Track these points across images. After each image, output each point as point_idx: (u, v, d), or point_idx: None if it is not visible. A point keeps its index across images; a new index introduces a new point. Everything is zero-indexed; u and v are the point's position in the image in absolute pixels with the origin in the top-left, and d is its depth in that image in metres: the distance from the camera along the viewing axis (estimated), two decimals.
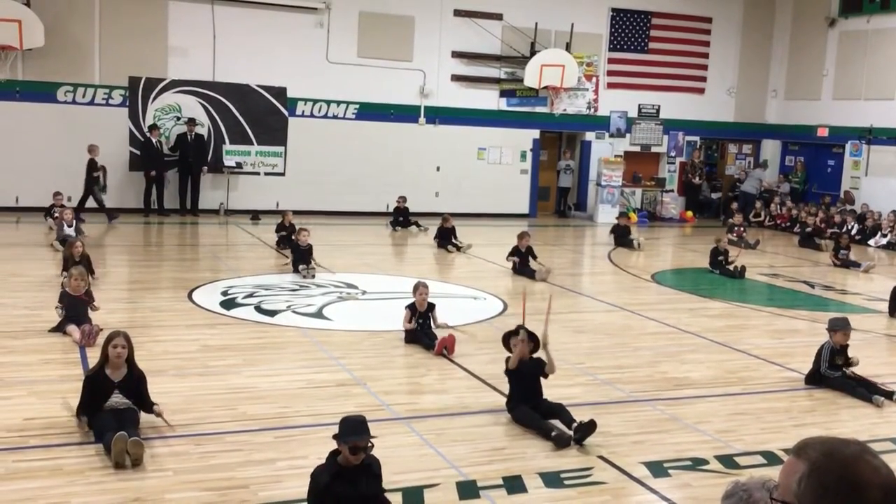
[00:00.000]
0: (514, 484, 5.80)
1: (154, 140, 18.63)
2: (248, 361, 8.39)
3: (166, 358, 8.26)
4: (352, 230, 18.46)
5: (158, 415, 6.46)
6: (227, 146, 19.69)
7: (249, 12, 19.46)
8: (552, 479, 5.92)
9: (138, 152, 18.78)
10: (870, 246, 19.65)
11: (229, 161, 19.64)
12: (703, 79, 23.79)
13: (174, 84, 19.12)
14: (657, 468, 6.19)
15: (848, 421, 7.59)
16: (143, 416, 6.41)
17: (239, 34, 19.36)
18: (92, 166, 17.79)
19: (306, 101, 20.20)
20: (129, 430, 5.91)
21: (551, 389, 7.19)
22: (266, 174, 20.08)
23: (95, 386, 6.34)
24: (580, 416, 6.73)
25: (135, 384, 6.44)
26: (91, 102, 18.64)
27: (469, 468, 6.01)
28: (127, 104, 18.84)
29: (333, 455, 4.90)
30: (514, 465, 6.15)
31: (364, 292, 12.05)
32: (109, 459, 5.75)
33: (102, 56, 18.62)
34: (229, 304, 10.89)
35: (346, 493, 4.76)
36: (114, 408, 6.27)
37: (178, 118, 19.21)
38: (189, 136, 19.03)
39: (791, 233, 21.09)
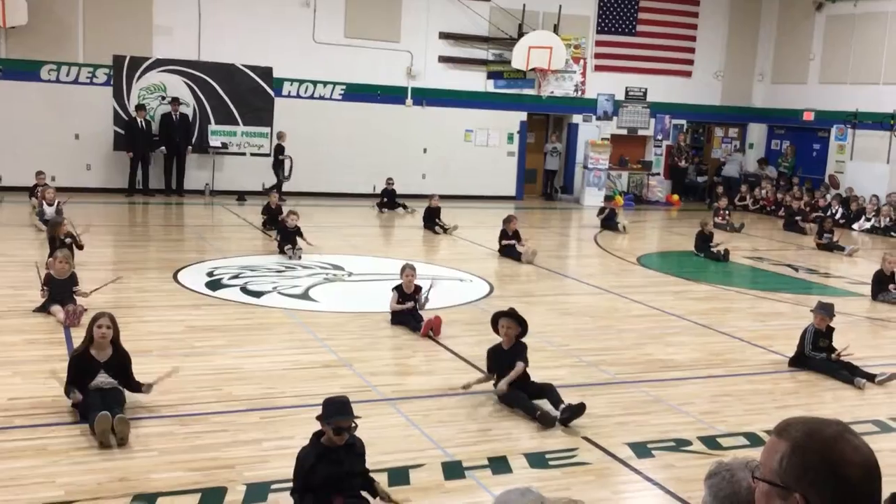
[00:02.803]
0: (499, 464, 5.84)
1: (139, 120, 18.50)
2: (234, 342, 8.38)
3: (151, 338, 8.24)
4: (338, 211, 18.41)
5: (152, 384, 6.46)
6: (213, 126, 19.57)
7: None
8: (537, 460, 5.96)
9: (123, 132, 18.64)
10: (854, 230, 19.79)
11: (215, 141, 19.51)
12: (691, 62, 23.79)
13: (159, 63, 18.97)
14: (641, 449, 6.24)
15: (830, 403, 7.66)
16: (129, 396, 6.40)
17: (224, 13, 19.21)
18: (279, 151, 18.94)
19: (292, 81, 20.09)
20: (115, 409, 5.91)
21: (539, 371, 7.21)
22: (252, 155, 19.98)
23: (81, 366, 6.33)
24: (566, 397, 6.77)
25: (120, 364, 6.43)
26: (75, 81, 18.47)
27: (454, 449, 6.04)
28: (111, 83, 18.68)
29: (317, 436, 4.92)
30: (499, 445, 6.19)
31: (350, 274, 12.04)
32: (94, 439, 5.75)
33: (86, 34, 18.43)
34: (215, 284, 10.86)
35: (331, 473, 4.79)
36: (99, 387, 6.26)
37: (163, 98, 19.07)
38: (174, 116, 18.90)
39: (776, 216, 21.20)
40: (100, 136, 18.63)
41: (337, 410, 4.86)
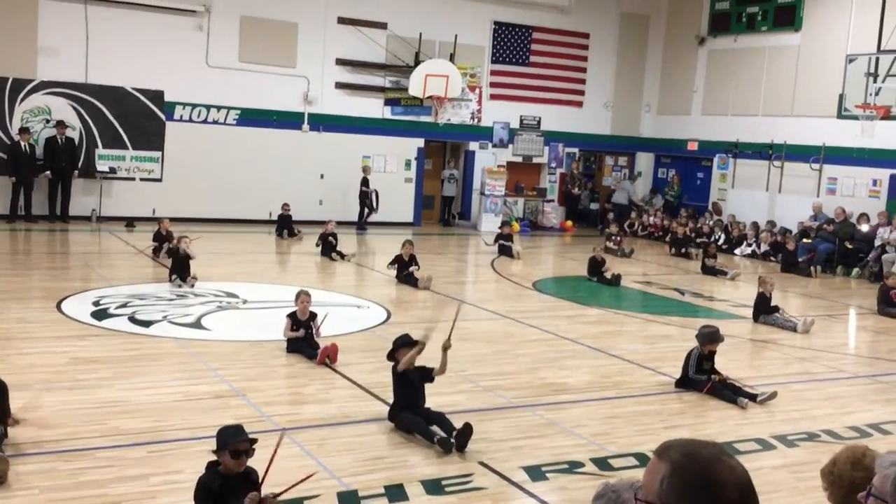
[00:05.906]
0: (395, 492, 5.81)
1: (23, 144, 17.78)
2: (121, 374, 8.10)
3: (32, 371, 7.89)
4: (232, 238, 18.07)
5: (16, 422, 6.19)
6: (101, 150, 18.98)
7: (124, 13, 18.82)
8: (433, 487, 5.96)
9: (4, 156, 17.88)
10: (735, 255, 20.64)
11: (102, 166, 18.91)
12: (582, 92, 24.48)
13: (44, 85, 18.31)
14: (535, 472, 6.33)
15: (714, 422, 7.94)
16: (10, 432, 6.10)
17: (113, 35, 18.71)
18: (364, 183, 20.54)
19: (185, 105, 19.69)
20: None
21: (435, 397, 7.23)
22: (142, 180, 19.45)
23: None
24: (461, 422, 6.80)
25: None
26: None
27: (350, 478, 5.98)
28: None
29: (214, 466, 4.83)
30: (395, 473, 6.16)
31: (245, 301, 11.83)
32: None
33: None
34: (101, 314, 10.49)
35: (230, 502, 4.71)
36: None
37: (48, 121, 18.40)
38: (59, 140, 18.25)
39: (663, 242, 21.92)
40: None
41: (233, 435, 4.84)
